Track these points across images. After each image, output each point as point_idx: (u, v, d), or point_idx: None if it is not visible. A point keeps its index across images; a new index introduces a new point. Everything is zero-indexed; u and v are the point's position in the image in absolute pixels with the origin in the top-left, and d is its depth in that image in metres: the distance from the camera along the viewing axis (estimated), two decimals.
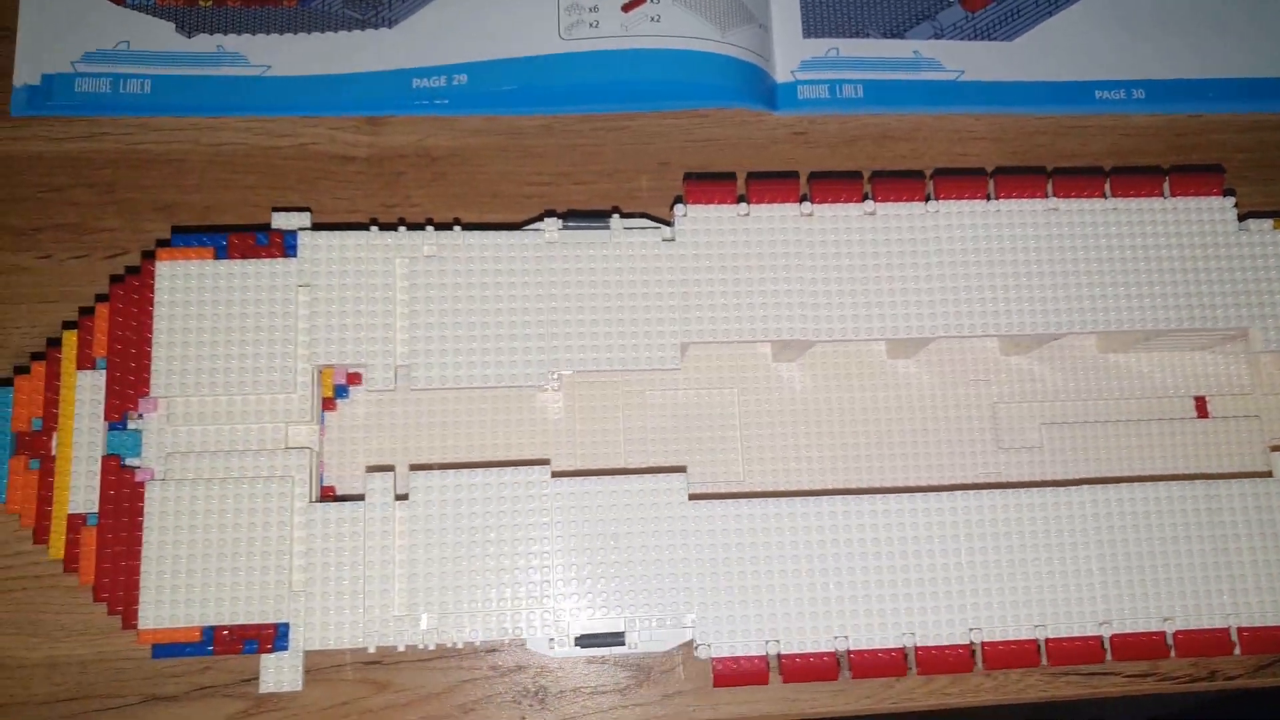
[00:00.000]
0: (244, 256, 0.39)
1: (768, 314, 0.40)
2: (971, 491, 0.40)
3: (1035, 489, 0.40)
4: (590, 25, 0.47)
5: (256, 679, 0.42)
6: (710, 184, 0.42)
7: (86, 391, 0.38)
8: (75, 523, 0.37)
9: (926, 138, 0.50)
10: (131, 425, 0.38)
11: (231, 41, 0.47)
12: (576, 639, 0.38)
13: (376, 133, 0.48)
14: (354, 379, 0.43)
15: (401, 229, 0.40)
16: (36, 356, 0.42)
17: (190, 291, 0.39)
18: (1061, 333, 0.42)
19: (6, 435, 0.37)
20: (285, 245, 0.39)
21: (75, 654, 0.41)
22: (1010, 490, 0.40)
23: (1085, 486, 0.41)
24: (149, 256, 0.39)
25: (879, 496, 0.39)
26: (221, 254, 0.39)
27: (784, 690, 0.43)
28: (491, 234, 0.40)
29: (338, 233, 0.40)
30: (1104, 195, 0.43)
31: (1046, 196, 0.43)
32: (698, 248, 0.41)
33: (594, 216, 0.41)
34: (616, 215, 0.41)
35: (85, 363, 0.38)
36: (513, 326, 0.40)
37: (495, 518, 0.38)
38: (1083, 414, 0.46)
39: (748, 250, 0.41)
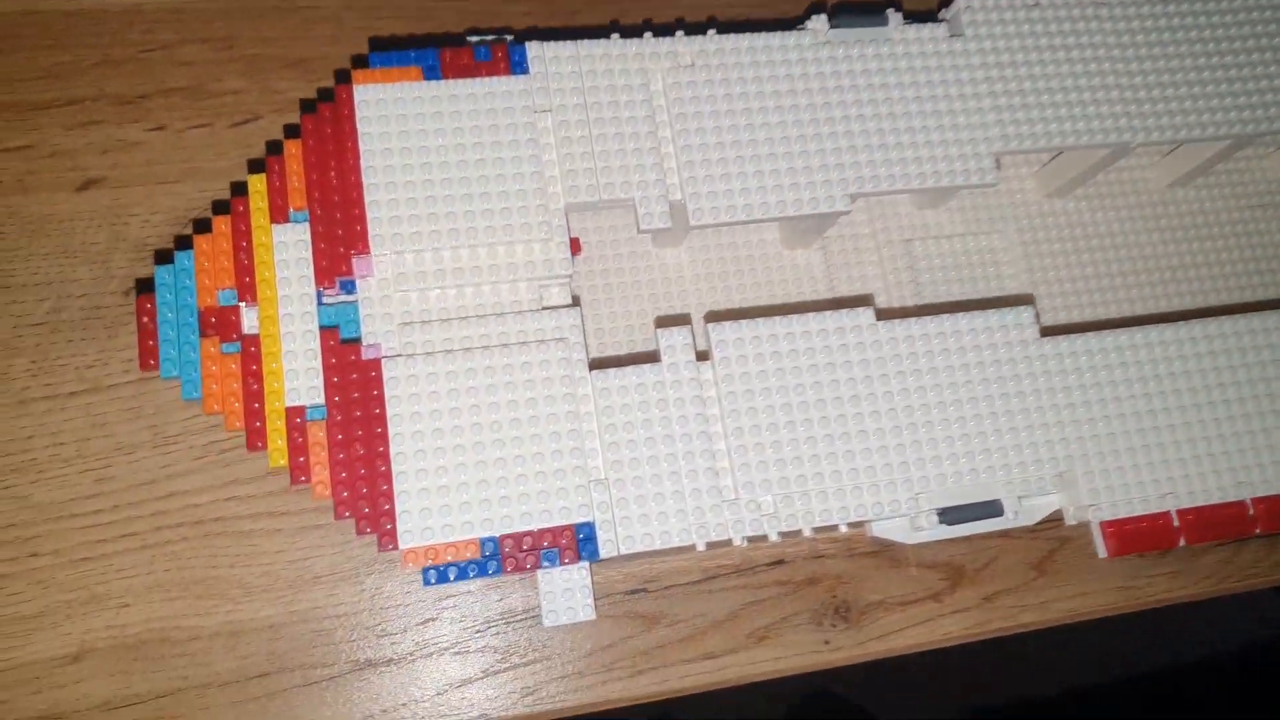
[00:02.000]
0: (460, 76, 0.31)
1: (1086, 112, 0.34)
2: None
3: None
4: None
5: (493, 625, 0.33)
6: None
7: (289, 250, 0.28)
8: (293, 418, 0.27)
9: None
10: (343, 294, 0.29)
11: None
12: (940, 514, 0.30)
13: None
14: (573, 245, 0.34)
15: (648, 35, 0.32)
16: (180, 240, 0.33)
17: (405, 120, 0.30)
18: None
19: (192, 313, 0.27)
20: (511, 60, 0.31)
21: (261, 616, 0.32)
22: None
23: None
24: (344, 80, 0.30)
25: (1266, 314, 0.33)
26: (432, 74, 0.30)
27: (1117, 579, 0.36)
28: (757, 36, 0.33)
29: (575, 43, 0.32)
30: None
31: None
32: (992, 40, 0.34)
33: (863, 11, 0.34)
34: (892, 10, 0.34)
35: (279, 216, 0.29)
36: (796, 143, 0.32)
37: (818, 373, 0.30)
38: None
39: (1049, 43, 0.34)
